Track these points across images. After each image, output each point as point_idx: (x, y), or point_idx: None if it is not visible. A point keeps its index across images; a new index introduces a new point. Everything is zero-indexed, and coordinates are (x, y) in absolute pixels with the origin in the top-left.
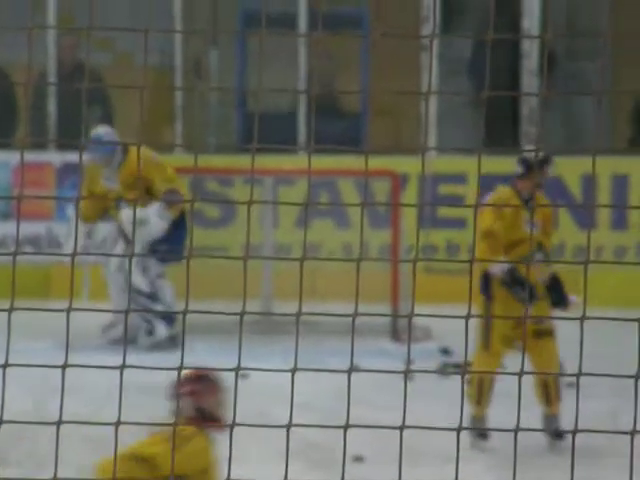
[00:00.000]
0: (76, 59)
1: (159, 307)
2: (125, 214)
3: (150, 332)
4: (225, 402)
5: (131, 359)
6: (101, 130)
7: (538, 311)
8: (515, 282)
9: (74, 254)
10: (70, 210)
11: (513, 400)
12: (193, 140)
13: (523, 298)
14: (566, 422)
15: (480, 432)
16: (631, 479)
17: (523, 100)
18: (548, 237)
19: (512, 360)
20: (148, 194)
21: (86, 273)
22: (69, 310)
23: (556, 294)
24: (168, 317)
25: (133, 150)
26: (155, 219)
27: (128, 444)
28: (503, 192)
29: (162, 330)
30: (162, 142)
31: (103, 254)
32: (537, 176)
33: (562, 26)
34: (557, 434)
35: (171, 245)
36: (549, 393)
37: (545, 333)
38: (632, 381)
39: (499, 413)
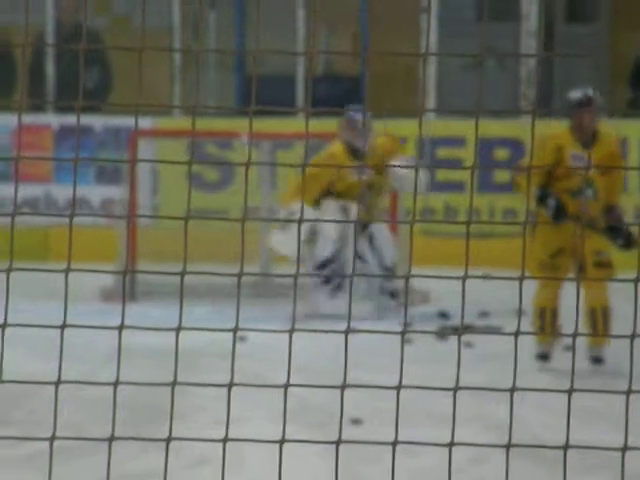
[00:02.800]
0: (75, 21)
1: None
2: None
3: (393, 294)
4: None
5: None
6: (357, 109)
7: (593, 244)
8: (545, 198)
9: (72, 215)
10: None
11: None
12: (191, 102)
13: (552, 215)
14: (562, 384)
15: (542, 355)
16: (626, 439)
17: (522, 62)
18: (608, 175)
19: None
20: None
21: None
22: (67, 271)
23: (615, 231)
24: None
25: (379, 136)
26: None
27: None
28: (562, 133)
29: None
30: (160, 104)
31: (108, 216)
32: (593, 109)
33: None
34: (596, 360)
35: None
36: (596, 324)
37: (601, 265)
38: (628, 342)
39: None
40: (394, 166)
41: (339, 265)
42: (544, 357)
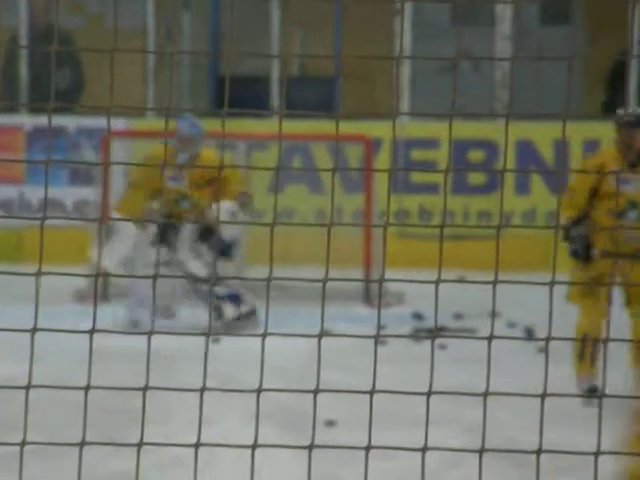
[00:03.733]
0: (47, 22)
1: (222, 290)
2: (212, 211)
3: (219, 315)
4: None
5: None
6: (188, 116)
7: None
8: (570, 238)
9: (44, 218)
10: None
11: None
12: (165, 104)
13: (574, 254)
14: (535, 387)
15: (591, 389)
16: (599, 442)
17: (496, 65)
18: None
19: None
20: (215, 195)
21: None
22: (39, 274)
23: None
24: (234, 297)
25: (205, 151)
26: (229, 217)
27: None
28: (607, 152)
29: (230, 311)
30: (133, 106)
31: (80, 219)
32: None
33: None
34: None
35: (224, 242)
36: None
37: None
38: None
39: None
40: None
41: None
42: (593, 390)
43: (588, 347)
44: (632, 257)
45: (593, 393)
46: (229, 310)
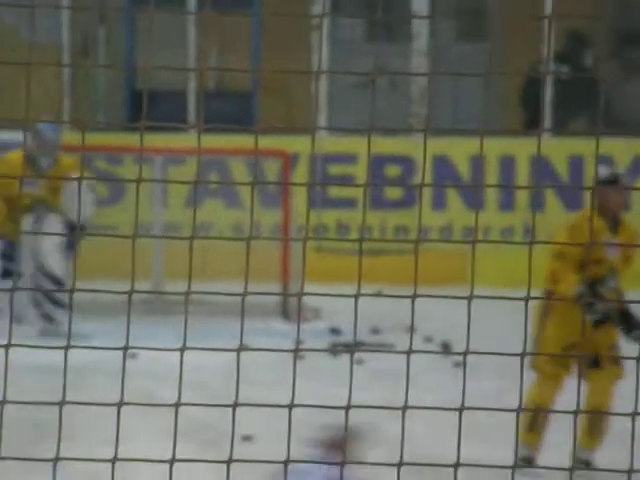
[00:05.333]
0: None
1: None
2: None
3: (48, 318)
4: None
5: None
6: (47, 123)
7: (609, 337)
8: (591, 309)
9: None
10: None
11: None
12: (81, 118)
13: (596, 321)
14: (453, 401)
15: (527, 459)
16: (516, 455)
17: (412, 81)
18: (628, 263)
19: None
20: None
21: None
22: None
23: (628, 321)
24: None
25: (63, 156)
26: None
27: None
28: (584, 213)
29: (60, 316)
30: (49, 119)
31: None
32: (622, 191)
33: (452, 7)
34: (587, 463)
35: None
36: (595, 425)
37: (616, 361)
38: (518, 361)
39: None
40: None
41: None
42: (529, 461)
43: (540, 418)
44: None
45: (529, 463)
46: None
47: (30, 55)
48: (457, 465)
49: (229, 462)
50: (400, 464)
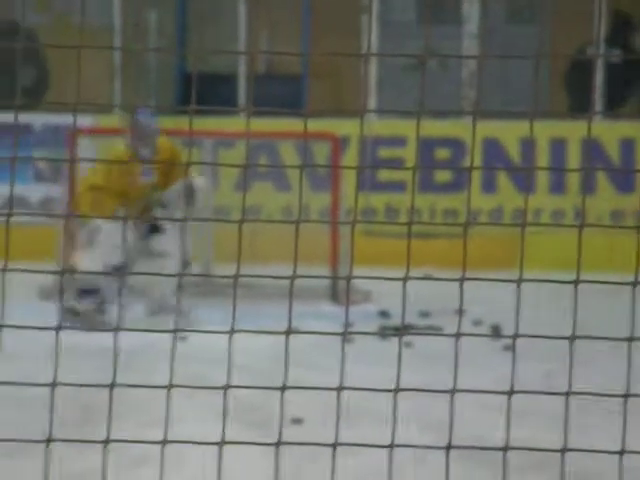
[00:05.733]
0: (12, 19)
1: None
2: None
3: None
4: None
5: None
6: (144, 111)
7: None
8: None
9: (9, 214)
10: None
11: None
12: (131, 101)
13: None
14: (502, 384)
15: None
16: (565, 438)
17: (463, 63)
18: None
19: None
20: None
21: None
22: (4, 270)
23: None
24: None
25: (160, 140)
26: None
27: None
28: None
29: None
30: (99, 103)
31: (46, 214)
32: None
33: None
34: None
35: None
36: None
37: None
38: (567, 343)
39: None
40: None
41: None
42: None
43: None
44: None
45: None
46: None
47: (81, 39)
48: (506, 448)
49: (278, 444)
50: (449, 447)
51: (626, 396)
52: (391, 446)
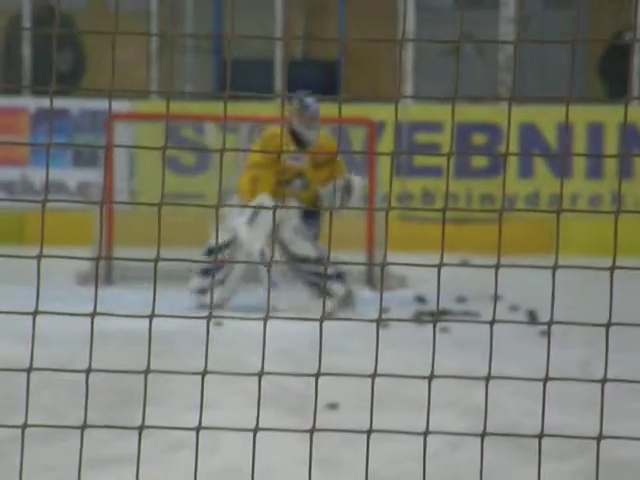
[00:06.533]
0: (49, 4)
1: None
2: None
3: (328, 294)
4: None
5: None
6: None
7: None
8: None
9: (45, 200)
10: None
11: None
12: (168, 86)
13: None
14: (538, 370)
15: None
16: (601, 427)
17: (499, 48)
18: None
19: None
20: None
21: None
22: (41, 256)
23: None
24: (339, 275)
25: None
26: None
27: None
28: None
29: (339, 288)
30: (136, 88)
31: (82, 202)
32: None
33: None
34: None
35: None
36: None
37: None
38: (603, 329)
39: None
40: (353, 178)
41: (232, 253)
42: None
43: None
44: None
45: None
46: (338, 288)
47: (116, 24)
48: (541, 435)
49: (312, 431)
50: (484, 434)
51: None
52: (425, 433)
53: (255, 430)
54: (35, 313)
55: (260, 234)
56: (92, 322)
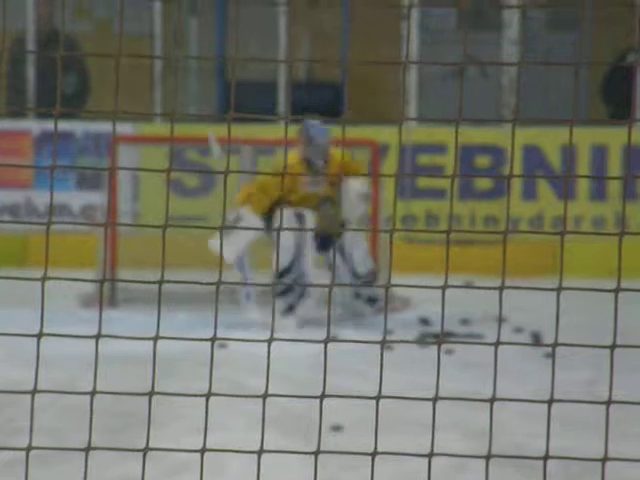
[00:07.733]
0: (53, 27)
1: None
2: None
3: (371, 300)
4: None
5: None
6: (314, 122)
7: None
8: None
9: (50, 223)
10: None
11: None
12: (172, 109)
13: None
14: (543, 392)
15: None
16: (606, 448)
17: (503, 70)
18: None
19: None
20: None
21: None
22: (45, 279)
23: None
24: (372, 299)
25: (333, 151)
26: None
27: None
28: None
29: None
30: (139, 111)
31: (86, 224)
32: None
33: None
34: None
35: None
36: None
37: None
38: (608, 351)
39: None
40: (351, 184)
41: (298, 274)
42: None
43: None
44: None
45: None
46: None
47: (120, 47)
48: (546, 457)
49: (317, 453)
50: (489, 456)
51: None
52: (430, 455)
53: (260, 452)
54: (40, 335)
55: (233, 246)
56: (97, 344)
